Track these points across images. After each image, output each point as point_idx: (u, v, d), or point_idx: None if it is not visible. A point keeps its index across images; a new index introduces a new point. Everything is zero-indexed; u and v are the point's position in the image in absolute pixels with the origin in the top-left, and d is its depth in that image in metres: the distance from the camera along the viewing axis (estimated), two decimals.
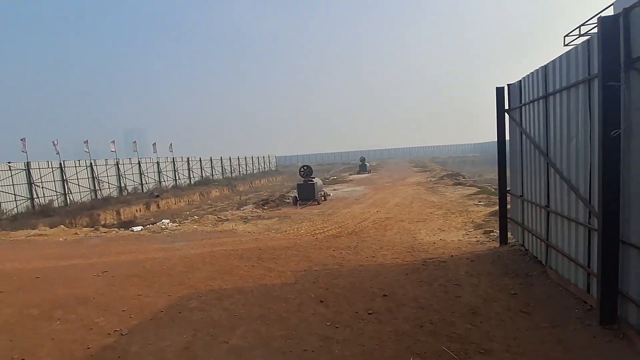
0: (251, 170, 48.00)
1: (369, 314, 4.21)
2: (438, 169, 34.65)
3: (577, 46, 4.04)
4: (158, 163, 30.16)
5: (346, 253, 7.04)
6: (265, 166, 54.89)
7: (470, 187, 17.11)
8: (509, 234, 6.76)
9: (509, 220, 6.70)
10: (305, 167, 16.32)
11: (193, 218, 14.22)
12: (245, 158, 47.30)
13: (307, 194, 15.20)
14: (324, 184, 19.15)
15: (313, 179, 15.67)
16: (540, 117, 5.08)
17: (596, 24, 3.51)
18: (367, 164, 37.69)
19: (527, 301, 4.29)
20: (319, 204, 14.97)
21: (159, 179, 29.91)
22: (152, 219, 17.32)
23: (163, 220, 13.40)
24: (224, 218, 12.92)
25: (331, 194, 18.04)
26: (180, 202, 25.55)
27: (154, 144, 31.93)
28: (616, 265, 3.39)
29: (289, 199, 16.79)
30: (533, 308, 4.10)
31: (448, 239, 7.89)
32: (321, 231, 9.52)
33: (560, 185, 4.52)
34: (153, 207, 23.02)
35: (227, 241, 8.77)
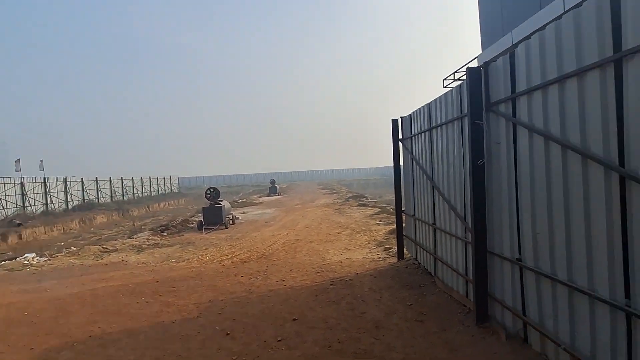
0: (149, 193, 43.24)
1: (279, 340, 4.10)
2: (344, 191, 36.77)
3: (452, 89, 4.86)
4: (22, 184, 24.78)
5: (255, 278, 6.80)
6: (166, 188, 50.23)
7: (373, 208, 18.57)
8: (405, 250, 7.49)
9: (404, 237, 7.44)
10: (212, 190, 15.56)
11: (69, 250, 12.00)
12: (142, 179, 42.46)
13: (213, 217, 14.42)
14: (232, 207, 18.47)
15: (220, 202, 14.99)
16: (426, 146, 5.88)
17: (465, 72, 4.29)
18: (277, 186, 37.84)
19: (421, 310, 4.75)
20: (226, 228, 14.31)
21: (23, 204, 24.55)
22: (9, 253, 13.97)
23: (27, 255, 10.91)
24: (112, 248, 11.27)
25: (240, 217, 17.47)
26: (52, 231, 21.25)
27: (18, 161, 26.18)
28: (485, 272, 4.03)
29: (193, 223, 15.64)
30: (426, 316, 4.56)
31: (354, 257, 8.32)
32: (229, 257, 9.06)
33: (443, 205, 5.24)
34: (13, 239, 18.59)
35: (114, 275, 7.62)
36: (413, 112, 6.52)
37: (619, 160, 2.37)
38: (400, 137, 7.28)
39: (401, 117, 7.24)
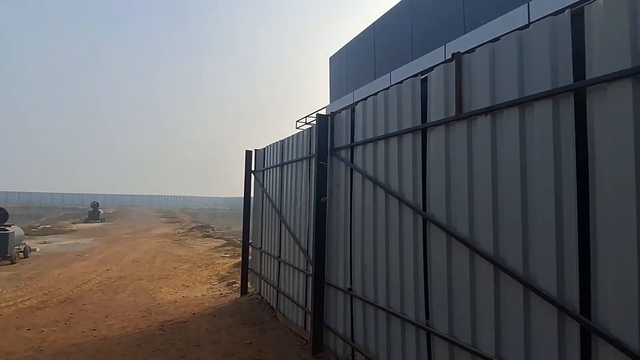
0: None
1: None
2: (188, 220, 33.85)
3: (304, 131, 5.26)
4: None
5: (51, 331, 5.20)
6: None
7: (219, 239, 17.63)
8: (250, 284, 7.29)
9: (250, 270, 7.27)
10: None
11: None
12: None
13: None
14: (28, 235, 14.14)
15: (8, 228, 11.26)
16: (277, 181, 6.08)
17: (316, 118, 4.74)
18: (101, 211, 31.53)
19: (260, 348, 4.60)
20: (13, 262, 10.73)
21: None
22: None
23: None
24: None
25: (38, 249, 13.49)
26: None
27: None
28: (322, 302, 4.29)
29: None
30: (265, 354, 4.43)
31: (191, 295, 7.52)
32: (11, 303, 6.70)
33: (289, 238, 5.43)
34: None
35: None
36: (267, 147, 6.70)
37: (423, 206, 3.01)
38: (253, 169, 7.31)
39: (255, 150, 7.33)
